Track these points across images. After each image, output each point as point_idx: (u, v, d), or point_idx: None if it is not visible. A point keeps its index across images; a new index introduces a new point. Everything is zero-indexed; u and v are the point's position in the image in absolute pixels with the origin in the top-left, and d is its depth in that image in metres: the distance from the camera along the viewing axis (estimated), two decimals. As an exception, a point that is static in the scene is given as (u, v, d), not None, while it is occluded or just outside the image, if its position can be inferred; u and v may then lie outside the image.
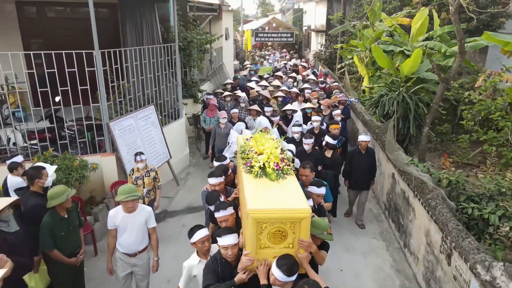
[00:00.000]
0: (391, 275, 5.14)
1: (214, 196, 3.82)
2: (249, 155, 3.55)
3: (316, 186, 4.16)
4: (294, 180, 3.32)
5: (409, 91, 8.25)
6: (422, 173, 5.10)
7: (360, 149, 6.08)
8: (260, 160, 3.35)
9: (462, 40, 6.65)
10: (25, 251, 3.72)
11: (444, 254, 4.13)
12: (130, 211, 3.90)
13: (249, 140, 3.84)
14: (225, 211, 3.35)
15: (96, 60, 5.78)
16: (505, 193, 4.73)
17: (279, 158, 3.41)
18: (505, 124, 6.66)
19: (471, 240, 3.66)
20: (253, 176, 3.29)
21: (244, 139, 4.05)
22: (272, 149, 3.48)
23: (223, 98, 9.65)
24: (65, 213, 3.95)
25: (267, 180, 3.23)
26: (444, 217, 4.16)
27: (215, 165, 4.73)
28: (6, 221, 3.65)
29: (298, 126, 6.55)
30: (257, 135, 3.80)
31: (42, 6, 9.06)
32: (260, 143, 3.61)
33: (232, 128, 7.36)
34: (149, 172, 5.53)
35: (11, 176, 4.73)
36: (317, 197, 4.15)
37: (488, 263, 3.21)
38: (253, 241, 2.81)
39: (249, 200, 2.88)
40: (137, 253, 4.05)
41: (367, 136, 6.10)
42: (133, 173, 5.52)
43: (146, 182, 5.50)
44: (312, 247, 2.94)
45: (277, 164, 3.33)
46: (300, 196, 2.99)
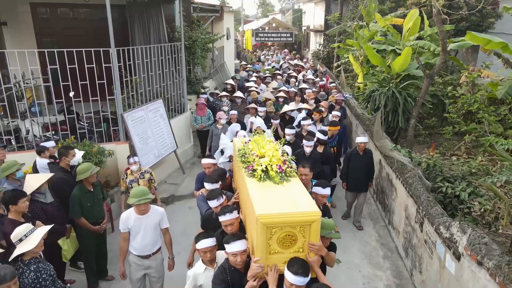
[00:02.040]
0: (376, 248, 5.79)
1: (217, 192, 3.76)
2: (250, 158, 3.50)
3: (321, 186, 4.00)
4: (298, 182, 3.29)
5: (398, 86, 8.90)
6: (403, 157, 5.74)
7: (358, 150, 6.07)
8: (262, 163, 3.30)
9: (445, 39, 7.29)
10: (59, 219, 4.36)
11: (418, 223, 4.76)
12: (143, 213, 3.89)
13: (248, 143, 3.77)
14: (231, 214, 3.25)
15: (112, 57, 6.42)
16: (475, 173, 5.37)
17: (281, 160, 3.37)
18: (483, 116, 7.28)
19: (437, 207, 4.29)
20: (257, 180, 3.23)
21: (242, 142, 4.00)
22: (273, 151, 3.43)
23: (219, 98, 9.67)
24: (91, 187, 4.59)
25: (271, 184, 3.19)
26: (418, 192, 4.79)
27: (202, 162, 4.86)
28: (43, 193, 4.31)
29: (291, 129, 6.38)
30: (257, 138, 3.75)
31: (55, 7, 9.68)
32: (260, 145, 3.57)
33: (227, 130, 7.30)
34: (144, 174, 5.39)
35: (39, 159, 5.37)
36: (322, 198, 4.00)
37: (448, 224, 3.85)
38: (262, 247, 2.75)
39: (257, 205, 2.80)
40: (151, 254, 4.03)
41: (365, 137, 6.09)
42: (126, 177, 5.34)
43: (141, 184, 5.33)
44: (323, 250, 2.90)
45: (280, 167, 3.29)
46: (308, 199, 2.95)
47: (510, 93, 7.58)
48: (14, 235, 3.11)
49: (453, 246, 3.77)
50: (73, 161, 5.01)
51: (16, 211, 3.75)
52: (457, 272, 3.72)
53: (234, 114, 7.93)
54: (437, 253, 4.20)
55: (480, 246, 3.34)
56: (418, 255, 4.80)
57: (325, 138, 6.03)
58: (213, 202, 3.70)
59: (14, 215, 3.77)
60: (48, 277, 3.15)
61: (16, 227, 3.25)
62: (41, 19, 9.40)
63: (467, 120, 8.35)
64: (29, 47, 7.81)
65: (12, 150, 6.41)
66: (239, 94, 9.66)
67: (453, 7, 12.69)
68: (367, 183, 6.21)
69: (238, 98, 9.44)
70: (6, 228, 3.67)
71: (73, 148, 5.11)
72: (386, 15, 13.77)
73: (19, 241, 3.08)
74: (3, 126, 6.50)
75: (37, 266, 3.13)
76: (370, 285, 5.00)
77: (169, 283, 4.77)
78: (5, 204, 3.78)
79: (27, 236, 3.11)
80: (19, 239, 3.09)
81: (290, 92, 9.97)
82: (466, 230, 3.60)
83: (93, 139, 6.80)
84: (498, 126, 7.64)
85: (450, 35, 12.31)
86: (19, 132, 6.80)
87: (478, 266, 3.33)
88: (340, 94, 9.89)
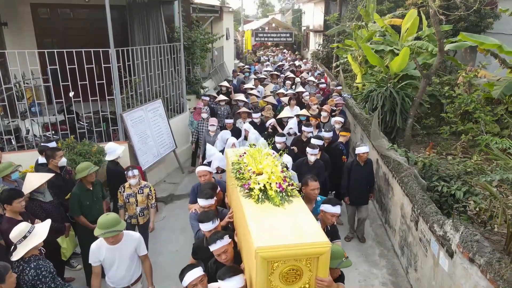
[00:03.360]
0: (373, 246, 5.85)
1: (210, 215, 3.30)
2: (246, 175, 3.14)
3: (331, 204, 3.55)
4: (302, 203, 2.94)
5: (396, 86, 8.95)
6: (399, 156, 5.80)
7: (359, 161, 5.66)
8: (260, 182, 2.95)
9: (442, 39, 7.35)
10: (58, 218, 4.43)
11: (413, 221, 4.82)
12: (114, 243, 3.47)
13: (243, 156, 3.39)
14: (222, 241, 2.90)
15: (111, 58, 6.48)
16: (471, 173, 5.42)
17: (281, 177, 3.01)
18: (480, 116, 7.34)
19: (432, 206, 4.36)
20: (254, 201, 2.89)
21: (237, 155, 3.62)
22: (272, 167, 3.06)
23: (217, 102, 9.06)
24: (90, 186, 4.67)
25: (271, 206, 2.84)
26: (413, 190, 4.85)
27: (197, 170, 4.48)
28: (42, 193, 4.38)
29: (282, 137, 6.08)
30: (253, 151, 3.38)
31: (55, 7, 9.74)
32: (257, 160, 3.19)
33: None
34: (143, 189, 4.95)
35: (41, 158, 5.43)
36: (331, 217, 3.57)
37: (441, 222, 3.92)
38: (263, 283, 2.43)
39: (255, 235, 2.46)
40: (130, 286, 3.69)
41: (366, 147, 5.63)
42: (124, 190, 4.91)
43: (140, 200, 4.91)
44: (332, 286, 2.55)
45: (280, 185, 2.95)
46: (314, 226, 2.63)
47: (506, 93, 7.63)
48: (15, 235, 3.14)
49: (446, 243, 3.83)
50: (61, 162, 5.09)
51: (12, 210, 3.81)
52: (450, 269, 3.78)
53: (229, 122, 7.41)
54: (431, 251, 4.26)
55: (472, 244, 3.40)
56: (414, 253, 4.86)
57: (320, 144, 5.86)
58: (206, 225, 3.22)
59: (11, 214, 3.84)
60: (48, 274, 3.21)
61: (13, 225, 3.30)
62: (41, 20, 9.46)
63: (464, 120, 8.41)
64: (29, 47, 7.87)
65: (13, 149, 6.48)
66: (241, 98, 9.13)
67: (451, 7, 12.75)
68: (368, 195, 5.86)
69: (241, 101, 8.92)
70: (3, 226, 3.75)
71: (60, 149, 5.20)
72: (384, 16, 13.84)
73: (23, 238, 3.13)
74: (4, 126, 6.57)
75: (37, 263, 3.19)
76: (366, 282, 5.06)
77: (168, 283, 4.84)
78: (1, 203, 3.85)
79: (30, 232, 3.17)
80: (23, 237, 3.13)
81: (289, 95, 9.56)
82: (458, 228, 3.66)
83: (92, 138, 6.86)
84: (495, 125, 7.70)
85: (449, 35, 12.36)
86: (19, 132, 6.87)
87: (470, 263, 3.39)
88: (340, 98, 9.55)
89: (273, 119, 7.31)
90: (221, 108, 8.91)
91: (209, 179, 4.41)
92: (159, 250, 5.71)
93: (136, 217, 4.96)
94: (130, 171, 4.86)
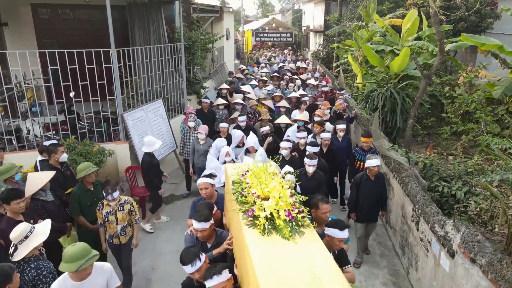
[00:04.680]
0: (373, 246, 5.84)
1: (191, 254, 2.82)
2: (249, 199, 2.76)
3: (338, 228, 3.16)
4: (315, 236, 2.55)
5: (396, 87, 8.95)
6: (400, 157, 5.80)
7: (369, 175, 5.10)
8: (266, 209, 2.57)
9: (442, 40, 7.35)
10: (59, 217, 4.44)
11: (414, 222, 4.83)
12: (82, 279, 3.01)
13: (246, 175, 3.04)
14: (220, 277, 2.54)
15: (112, 58, 6.49)
16: (471, 173, 5.43)
17: (290, 204, 2.64)
18: (480, 116, 7.34)
19: (433, 206, 4.36)
20: (259, 232, 2.50)
21: (238, 173, 3.23)
22: (280, 191, 2.69)
23: (216, 106, 8.62)
24: (91, 186, 4.67)
25: (279, 238, 2.44)
26: (414, 191, 4.85)
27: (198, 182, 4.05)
28: (44, 190, 4.37)
29: (287, 141, 5.73)
30: (256, 169, 2.98)
31: (55, 8, 9.75)
32: (262, 181, 2.79)
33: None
34: (123, 205, 4.51)
35: (41, 157, 5.43)
36: (339, 243, 3.20)
37: (442, 222, 3.92)
38: None
39: (261, 278, 2.08)
40: None
41: (377, 159, 5.07)
42: (102, 207, 4.47)
43: (120, 217, 4.47)
44: None
45: (289, 213, 2.56)
46: (332, 267, 2.27)
47: (507, 93, 7.63)
48: (15, 235, 3.13)
49: (447, 244, 3.83)
50: (62, 157, 5.12)
51: (10, 210, 3.82)
52: (451, 269, 3.78)
53: (224, 127, 6.87)
54: (432, 251, 4.26)
55: (473, 244, 3.40)
56: (414, 253, 4.86)
57: (317, 150, 5.64)
58: (186, 268, 2.79)
59: (11, 213, 3.84)
60: (48, 274, 3.21)
61: (11, 225, 3.31)
62: (42, 20, 9.48)
63: (465, 120, 8.42)
64: (30, 47, 7.89)
65: (13, 149, 6.49)
66: (239, 101, 8.78)
67: (452, 8, 12.76)
68: (378, 212, 5.35)
69: (238, 104, 8.60)
70: (1, 226, 3.75)
71: (62, 145, 5.25)
72: (385, 16, 13.84)
73: (24, 238, 3.13)
74: (5, 126, 6.57)
75: (38, 263, 3.19)
76: (367, 283, 5.06)
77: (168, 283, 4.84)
78: (1, 202, 3.86)
79: (31, 232, 3.17)
80: (24, 237, 3.13)
81: (292, 99, 9.26)
82: (460, 228, 3.66)
83: (93, 139, 6.87)
84: (495, 126, 7.70)
85: (449, 36, 12.38)
86: (20, 132, 6.88)
87: (471, 263, 3.39)
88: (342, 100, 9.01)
89: (267, 127, 6.83)
90: (219, 112, 8.59)
91: (211, 192, 4.04)
92: (160, 250, 5.71)
93: (117, 236, 4.52)
94: (109, 195, 4.31)
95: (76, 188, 4.60)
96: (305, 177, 4.97)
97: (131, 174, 6.74)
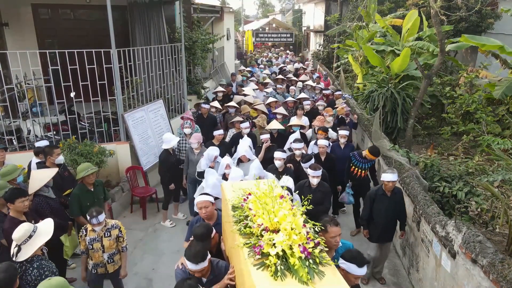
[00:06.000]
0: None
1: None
2: (255, 230, 2.31)
3: (357, 264, 2.75)
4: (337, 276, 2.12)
5: (397, 87, 8.95)
6: (401, 157, 5.79)
7: (385, 190, 4.64)
8: (277, 244, 2.14)
9: (443, 40, 7.35)
10: (62, 215, 4.46)
11: (415, 222, 4.82)
12: None
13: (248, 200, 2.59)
14: None
15: (113, 58, 6.49)
16: (472, 173, 5.42)
17: (304, 236, 2.21)
18: (481, 116, 7.35)
19: (434, 206, 4.36)
20: (270, 275, 2.07)
21: (239, 197, 2.72)
22: (293, 222, 2.24)
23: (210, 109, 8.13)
24: (91, 187, 4.67)
25: (294, 282, 2.01)
26: (415, 191, 4.85)
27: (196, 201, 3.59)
28: (48, 187, 4.39)
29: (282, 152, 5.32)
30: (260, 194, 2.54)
31: (56, 8, 9.75)
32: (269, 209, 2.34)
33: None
34: (110, 230, 3.99)
35: (35, 159, 5.42)
36: (355, 280, 2.84)
37: (444, 222, 3.92)
38: None
39: None
40: None
41: (394, 174, 4.58)
42: (86, 234, 3.94)
43: (107, 244, 3.94)
44: None
45: (304, 248, 2.13)
46: None
47: (508, 94, 7.63)
48: (19, 236, 3.12)
49: (448, 244, 3.83)
50: (58, 159, 5.12)
51: (14, 209, 3.82)
52: (453, 270, 3.78)
53: (220, 134, 6.39)
54: (433, 252, 4.25)
55: (474, 244, 3.40)
56: (415, 253, 4.86)
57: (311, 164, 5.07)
58: None
59: (14, 213, 3.85)
60: (50, 274, 3.21)
61: (15, 225, 3.30)
62: (42, 20, 9.47)
63: (465, 120, 8.42)
64: (31, 48, 7.88)
65: (14, 150, 6.49)
66: (232, 104, 8.38)
67: (452, 8, 12.76)
68: (393, 230, 4.87)
69: (232, 108, 8.22)
70: (5, 226, 3.76)
71: (58, 147, 5.24)
72: (385, 16, 13.84)
73: (28, 238, 3.13)
74: (5, 126, 6.57)
75: (40, 263, 3.19)
76: (368, 283, 5.05)
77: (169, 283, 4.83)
78: (5, 201, 3.86)
79: (35, 231, 3.17)
80: (28, 236, 3.13)
81: (289, 103, 8.70)
82: (461, 229, 3.66)
83: (94, 139, 6.88)
84: (496, 126, 7.70)
85: (449, 36, 12.37)
86: (20, 132, 6.88)
87: (473, 264, 3.39)
88: (346, 105, 8.63)
89: (268, 135, 6.28)
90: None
91: (211, 212, 3.59)
92: (161, 251, 5.71)
93: (104, 266, 4.00)
94: (94, 218, 3.79)
95: (76, 188, 4.60)
96: (308, 189, 4.64)
97: (131, 174, 6.74)
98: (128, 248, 5.69)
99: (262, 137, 6.25)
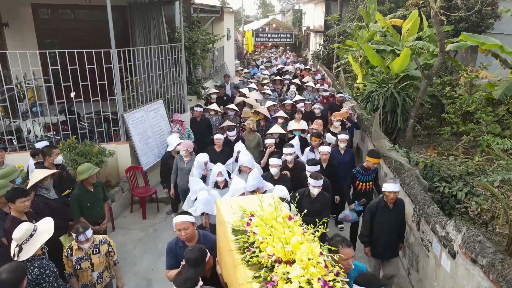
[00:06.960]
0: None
1: None
2: (265, 261, 1.99)
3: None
4: None
5: (397, 87, 8.96)
6: (401, 157, 5.80)
7: (387, 202, 4.37)
8: (294, 279, 1.84)
9: (442, 40, 7.35)
10: (61, 216, 4.45)
11: (415, 222, 4.82)
12: None
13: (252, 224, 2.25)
14: None
15: (112, 58, 6.49)
16: (472, 173, 5.43)
17: (323, 267, 1.93)
18: (480, 116, 7.35)
19: (434, 207, 4.36)
20: None
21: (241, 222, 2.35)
22: (309, 251, 1.94)
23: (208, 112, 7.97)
24: (91, 187, 4.67)
25: None
26: (415, 191, 4.85)
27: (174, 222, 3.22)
28: (47, 189, 4.39)
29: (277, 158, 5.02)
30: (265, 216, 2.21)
31: (56, 8, 9.75)
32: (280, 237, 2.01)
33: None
34: (98, 247, 3.75)
35: (32, 160, 5.41)
36: None
37: (444, 222, 3.92)
38: None
39: None
40: None
41: (397, 184, 4.35)
42: (72, 253, 3.69)
43: (96, 262, 3.72)
44: None
45: (325, 283, 1.85)
46: None
47: (508, 94, 7.63)
48: (20, 235, 3.13)
49: (448, 244, 3.83)
50: (57, 160, 5.12)
51: (15, 209, 3.83)
52: (452, 270, 3.78)
53: (219, 139, 6.11)
54: (433, 252, 4.25)
55: (474, 244, 3.40)
56: (415, 253, 4.86)
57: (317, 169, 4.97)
58: None
59: (15, 213, 3.86)
60: (51, 274, 3.22)
61: (16, 224, 3.31)
62: (42, 20, 9.47)
63: (465, 120, 8.41)
64: (31, 48, 7.88)
65: (14, 150, 6.49)
66: (232, 106, 8.20)
67: (452, 8, 12.76)
68: (396, 245, 4.57)
69: (231, 110, 8.01)
70: (5, 225, 3.76)
71: (56, 147, 5.26)
72: (385, 16, 13.84)
73: (29, 237, 3.14)
74: (5, 126, 6.58)
75: (41, 262, 3.20)
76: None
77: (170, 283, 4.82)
78: (7, 201, 3.87)
79: (36, 230, 3.18)
80: (29, 235, 3.14)
81: (287, 106, 8.39)
82: (461, 229, 3.66)
83: (94, 139, 6.88)
84: (496, 126, 7.70)
85: (449, 36, 12.37)
86: (20, 132, 6.88)
87: (473, 264, 3.39)
88: (349, 107, 8.25)
89: (272, 140, 6.01)
90: (213, 119, 7.90)
91: (192, 233, 3.19)
92: (161, 251, 5.71)
93: (93, 286, 3.78)
94: (81, 234, 3.55)
95: (76, 189, 4.61)
96: (308, 199, 4.37)
97: (131, 174, 6.74)
98: (128, 248, 5.75)
99: (267, 141, 6.01)
